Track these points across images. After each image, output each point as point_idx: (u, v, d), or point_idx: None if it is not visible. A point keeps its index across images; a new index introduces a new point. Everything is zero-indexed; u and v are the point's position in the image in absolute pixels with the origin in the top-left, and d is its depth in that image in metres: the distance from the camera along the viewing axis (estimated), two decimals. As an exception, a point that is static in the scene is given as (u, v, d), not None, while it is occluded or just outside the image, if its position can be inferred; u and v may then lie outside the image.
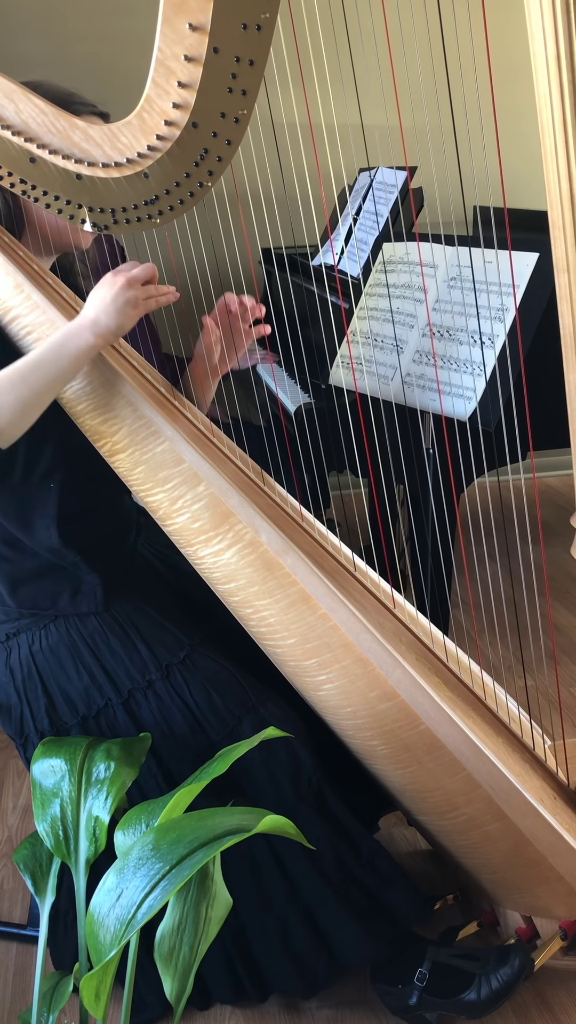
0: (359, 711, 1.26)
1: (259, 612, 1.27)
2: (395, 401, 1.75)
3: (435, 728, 1.23)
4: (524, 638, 2.05)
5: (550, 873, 1.29)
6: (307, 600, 1.24)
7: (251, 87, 1.07)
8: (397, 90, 1.14)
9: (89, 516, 1.35)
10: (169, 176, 1.13)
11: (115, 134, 1.12)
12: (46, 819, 1.19)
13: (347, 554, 1.37)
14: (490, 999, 1.31)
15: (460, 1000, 1.32)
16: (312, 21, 1.10)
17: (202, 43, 1.04)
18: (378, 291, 1.90)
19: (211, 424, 1.38)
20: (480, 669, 1.37)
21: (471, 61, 1.12)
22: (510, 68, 1.51)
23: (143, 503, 1.30)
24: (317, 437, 1.88)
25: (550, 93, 1.02)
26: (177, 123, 1.09)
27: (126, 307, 1.17)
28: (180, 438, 1.24)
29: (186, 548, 1.29)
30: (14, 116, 1.12)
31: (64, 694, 1.34)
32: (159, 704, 1.32)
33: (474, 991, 1.31)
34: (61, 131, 1.13)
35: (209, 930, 1.10)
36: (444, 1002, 1.32)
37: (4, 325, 1.23)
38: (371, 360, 1.85)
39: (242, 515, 1.24)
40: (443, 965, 1.34)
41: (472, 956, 1.35)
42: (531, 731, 1.35)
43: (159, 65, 1.07)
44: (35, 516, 1.29)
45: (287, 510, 1.36)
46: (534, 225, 1.82)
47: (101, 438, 1.27)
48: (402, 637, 1.31)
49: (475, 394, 1.64)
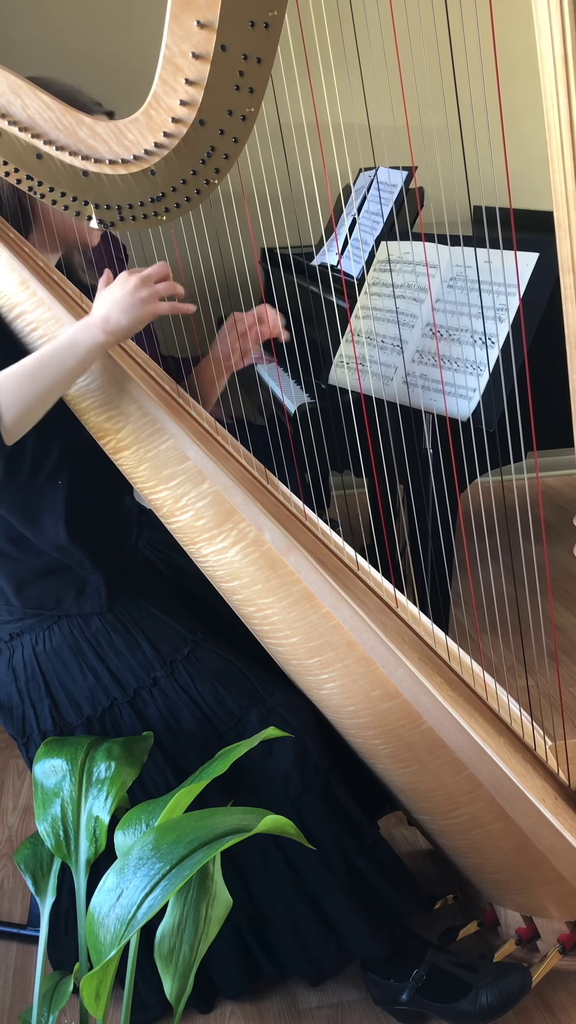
0: (361, 710, 1.26)
1: (262, 610, 1.27)
2: (395, 401, 1.76)
3: (437, 727, 1.23)
4: (525, 638, 2.05)
5: (551, 873, 1.29)
6: (310, 599, 1.24)
7: (258, 85, 1.07)
8: (404, 90, 1.14)
9: (95, 515, 1.35)
10: (176, 173, 1.13)
11: (122, 131, 1.12)
12: (47, 819, 1.19)
13: (350, 553, 1.37)
14: (483, 1012, 1.31)
15: (453, 1007, 1.32)
16: (307, 21, 1.10)
17: (210, 40, 1.04)
18: (378, 291, 1.90)
19: (215, 422, 1.37)
20: (482, 670, 1.37)
21: (473, 61, 1.12)
22: (512, 69, 1.51)
23: (147, 500, 1.30)
24: (321, 437, 1.88)
25: (557, 93, 1.02)
26: (184, 120, 1.09)
27: (137, 306, 1.16)
28: (185, 435, 1.24)
29: (189, 546, 1.29)
30: (21, 112, 1.12)
31: (68, 695, 1.34)
32: (165, 701, 1.32)
33: (469, 1002, 1.32)
34: (68, 127, 1.12)
35: (209, 930, 1.09)
36: (436, 1005, 1.33)
37: (9, 322, 1.23)
38: (372, 360, 1.85)
39: (246, 513, 1.24)
40: (441, 970, 1.35)
41: (472, 967, 1.36)
42: (532, 731, 1.35)
43: (166, 62, 1.07)
44: (43, 514, 1.29)
45: (290, 508, 1.36)
46: (535, 225, 1.83)
47: (105, 435, 1.27)
48: (405, 636, 1.31)
49: (475, 394, 1.64)
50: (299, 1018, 1.40)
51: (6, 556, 1.33)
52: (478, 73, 1.19)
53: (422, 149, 1.23)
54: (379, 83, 1.16)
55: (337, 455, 1.84)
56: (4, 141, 1.14)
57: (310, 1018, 1.40)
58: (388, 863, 1.37)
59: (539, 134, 1.29)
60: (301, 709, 1.33)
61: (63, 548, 1.31)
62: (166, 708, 1.32)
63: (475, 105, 1.20)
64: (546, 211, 1.79)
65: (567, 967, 1.42)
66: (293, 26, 1.07)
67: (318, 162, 1.27)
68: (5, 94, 1.12)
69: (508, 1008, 1.32)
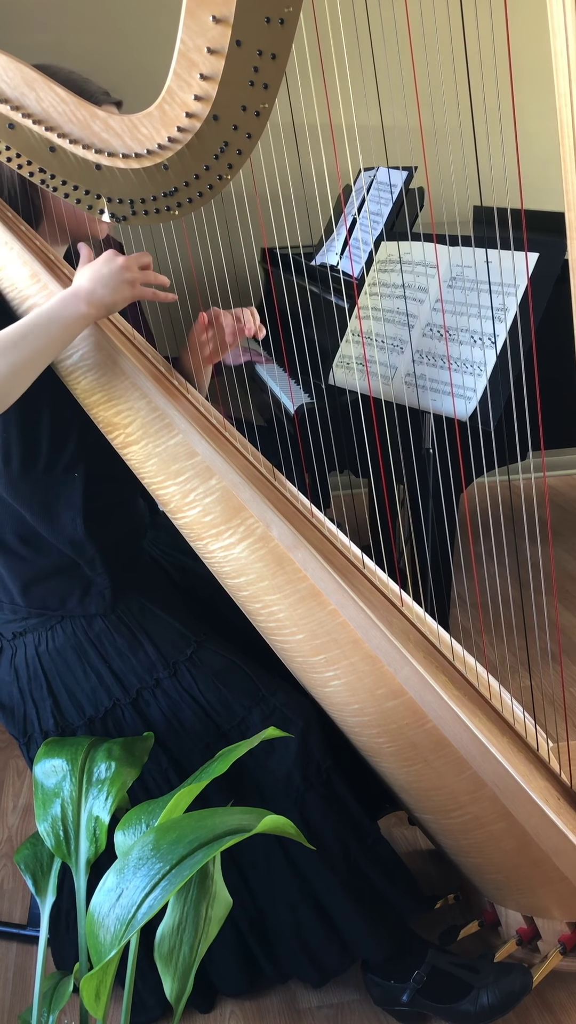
0: (366, 708, 1.25)
1: (268, 607, 1.26)
2: (395, 401, 1.76)
3: (442, 726, 1.23)
4: (525, 638, 2.06)
5: (554, 873, 1.29)
6: (317, 596, 1.24)
7: (273, 81, 1.07)
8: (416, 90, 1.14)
9: (110, 513, 1.35)
10: (188, 168, 1.13)
11: (135, 125, 1.11)
12: (47, 819, 1.19)
13: (356, 552, 1.36)
14: (484, 1013, 1.32)
15: (454, 1008, 1.33)
16: (308, 21, 1.10)
17: (225, 36, 1.04)
18: (378, 291, 1.90)
19: (223, 419, 1.37)
20: (486, 671, 1.37)
21: (473, 62, 1.12)
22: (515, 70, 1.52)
23: (154, 496, 1.29)
24: (328, 436, 1.88)
25: (571, 92, 1.02)
26: (198, 115, 1.09)
27: (123, 285, 1.18)
28: (194, 431, 1.24)
29: (196, 542, 1.29)
30: (35, 104, 1.12)
31: (70, 695, 1.33)
32: (168, 702, 1.32)
33: (470, 1003, 1.32)
34: (81, 120, 1.12)
35: (209, 930, 1.09)
36: (437, 1006, 1.33)
37: (21, 314, 1.23)
38: (371, 360, 1.85)
39: (254, 509, 1.24)
40: (442, 971, 1.35)
41: (472, 967, 1.36)
42: (535, 732, 1.35)
43: (181, 57, 1.07)
44: (60, 507, 1.28)
45: (298, 506, 1.36)
46: (535, 225, 1.84)
47: (114, 429, 1.26)
48: (410, 635, 1.31)
49: (475, 394, 1.65)
50: (299, 1018, 1.40)
51: (14, 555, 1.32)
52: (477, 74, 1.19)
53: (422, 149, 1.23)
54: (380, 83, 1.17)
55: (336, 455, 1.84)
56: (18, 134, 1.14)
57: (310, 1018, 1.40)
58: (388, 862, 1.37)
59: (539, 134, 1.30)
60: (304, 708, 1.33)
61: (78, 543, 1.30)
62: (169, 709, 1.32)
63: (475, 105, 1.20)
64: (546, 211, 1.81)
65: (567, 968, 1.42)
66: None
67: (318, 162, 1.27)
68: (19, 86, 1.11)
69: (509, 1008, 1.33)
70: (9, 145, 1.15)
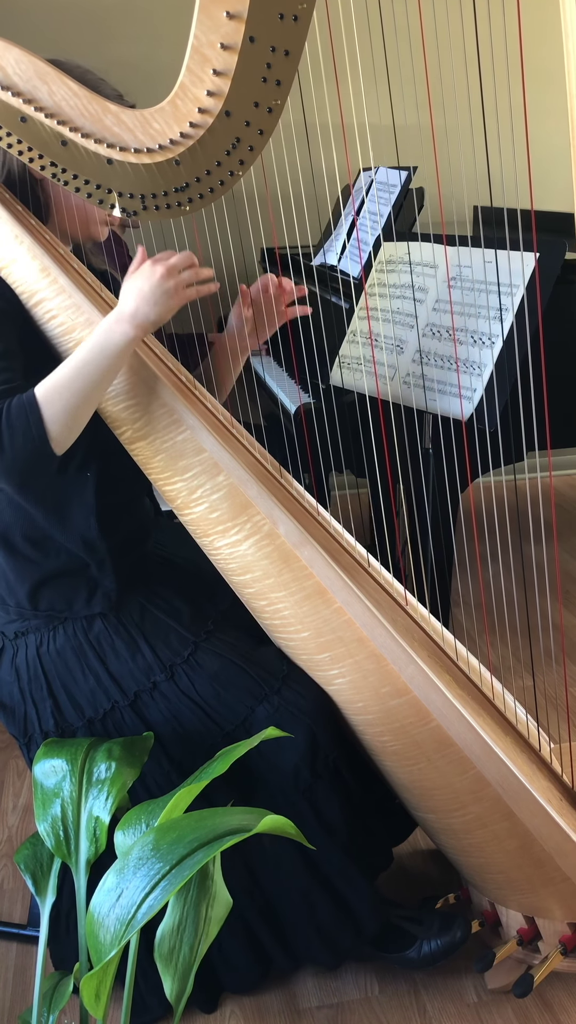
0: (370, 706, 1.25)
1: (273, 604, 1.26)
2: (395, 401, 1.76)
3: (446, 725, 1.23)
4: (527, 638, 2.06)
5: (556, 873, 1.29)
6: (322, 594, 1.24)
7: (286, 77, 1.07)
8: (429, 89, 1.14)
9: (121, 512, 1.34)
10: (200, 164, 1.13)
11: (147, 120, 1.11)
12: (47, 819, 1.18)
13: (361, 551, 1.36)
14: (426, 960, 1.42)
15: (400, 956, 1.43)
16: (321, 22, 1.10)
17: (238, 31, 1.04)
18: (378, 291, 1.90)
19: (230, 416, 1.37)
20: (490, 672, 1.37)
21: (472, 62, 1.13)
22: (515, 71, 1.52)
23: (161, 492, 1.29)
24: (327, 436, 1.88)
25: (584, 94, 1.03)
26: (211, 111, 1.09)
27: (165, 297, 1.15)
28: (201, 427, 1.23)
29: (202, 539, 1.28)
30: (47, 98, 1.11)
31: (70, 696, 1.33)
32: (166, 704, 1.31)
33: (414, 951, 1.43)
34: (93, 115, 1.12)
35: (209, 930, 1.09)
36: (385, 956, 1.44)
37: (29, 308, 1.22)
38: (371, 360, 1.85)
39: (260, 506, 1.23)
40: (392, 925, 1.43)
41: (417, 919, 1.45)
42: (537, 733, 1.36)
43: (194, 52, 1.07)
44: (73, 506, 1.28)
45: (304, 504, 1.36)
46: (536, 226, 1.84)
47: (122, 425, 1.26)
48: (414, 634, 1.31)
49: (475, 394, 1.65)
50: (299, 1018, 1.39)
51: (23, 557, 1.31)
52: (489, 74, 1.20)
53: (433, 149, 1.23)
54: (378, 83, 1.17)
55: (336, 455, 1.84)
56: (29, 127, 1.13)
57: (310, 1018, 1.39)
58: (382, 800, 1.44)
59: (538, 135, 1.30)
60: (310, 701, 1.32)
61: (90, 542, 1.29)
62: (168, 711, 1.31)
63: (486, 106, 1.21)
64: (546, 211, 1.81)
65: (568, 969, 1.42)
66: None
67: (319, 161, 1.27)
68: (32, 80, 1.11)
69: (446, 956, 1.42)
70: (21, 139, 1.15)
